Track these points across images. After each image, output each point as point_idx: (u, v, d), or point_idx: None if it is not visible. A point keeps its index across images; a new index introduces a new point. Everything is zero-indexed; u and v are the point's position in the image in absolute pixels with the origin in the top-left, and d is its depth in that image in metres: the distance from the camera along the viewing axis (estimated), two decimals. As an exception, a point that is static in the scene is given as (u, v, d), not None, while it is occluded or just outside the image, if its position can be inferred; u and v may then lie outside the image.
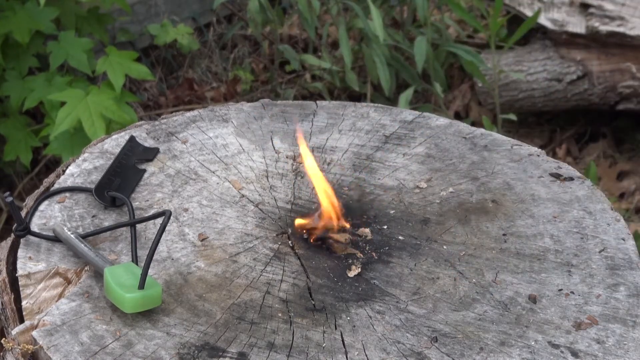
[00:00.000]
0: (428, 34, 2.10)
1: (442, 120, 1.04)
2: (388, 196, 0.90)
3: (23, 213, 0.85)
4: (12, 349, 0.69)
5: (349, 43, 2.15)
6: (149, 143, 0.99)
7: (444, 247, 0.82)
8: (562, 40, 2.34)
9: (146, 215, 0.86)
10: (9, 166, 2.12)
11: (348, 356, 0.68)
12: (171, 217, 0.85)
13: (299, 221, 0.84)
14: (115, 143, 0.98)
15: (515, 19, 2.38)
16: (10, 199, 0.76)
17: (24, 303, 0.74)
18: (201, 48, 2.69)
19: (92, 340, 0.69)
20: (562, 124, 2.47)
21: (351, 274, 0.78)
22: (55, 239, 0.80)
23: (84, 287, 0.75)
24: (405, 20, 2.38)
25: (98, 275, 0.76)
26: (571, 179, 0.92)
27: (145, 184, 0.92)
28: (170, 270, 0.78)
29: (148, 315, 0.72)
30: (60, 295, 0.75)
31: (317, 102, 1.09)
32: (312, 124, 1.04)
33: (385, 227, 0.85)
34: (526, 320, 0.72)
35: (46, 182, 0.91)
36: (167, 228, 0.81)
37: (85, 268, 0.78)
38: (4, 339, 0.71)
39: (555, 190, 0.90)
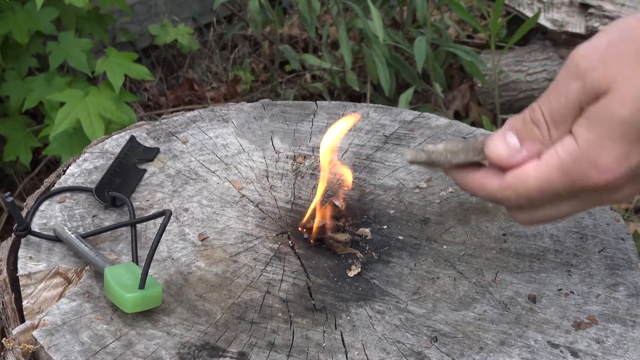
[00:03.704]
0: (428, 34, 2.10)
1: (441, 120, 1.04)
2: (388, 196, 0.90)
3: (23, 213, 0.85)
4: (12, 348, 0.69)
5: (349, 43, 2.15)
6: (149, 143, 0.99)
7: (444, 247, 0.82)
8: (561, 40, 2.34)
9: (146, 215, 0.86)
10: (10, 166, 2.12)
11: (348, 356, 0.68)
12: (171, 217, 0.85)
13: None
14: (115, 143, 0.98)
15: (515, 19, 2.38)
16: (10, 199, 0.76)
17: (24, 303, 0.74)
18: (201, 48, 2.69)
19: (93, 340, 0.69)
20: (562, 124, 2.47)
21: (351, 273, 0.79)
22: (56, 238, 0.81)
23: (85, 287, 0.75)
24: (405, 21, 2.38)
25: (98, 275, 0.76)
26: (571, 179, 0.92)
27: (145, 183, 0.92)
28: (171, 270, 0.78)
29: (148, 315, 0.72)
30: (61, 295, 0.75)
31: (317, 102, 1.09)
32: (312, 124, 1.04)
33: (385, 227, 0.85)
34: (526, 320, 0.72)
35: (47, 182, 0.91)
36: (167, 228, 0.81)
37: (86, 268, 0.78)
38: (4, 338, 0.71)
39: (555, 190, 0.90)
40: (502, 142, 0.69)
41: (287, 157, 0.97)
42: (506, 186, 0.68)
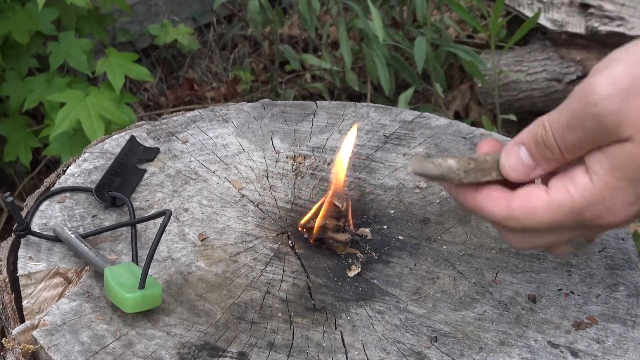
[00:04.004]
0: (428, 34, 2.10)
1: (441, 120, 1.04)
2: (388, 196, 0.90)
3: (23, 213, 0.85)
4: (12, 348, 0.69)
5: (349, 43, 2.15)
6: (149, 143, 0.99)
7: (444, 247, 0.82)
8: (561, 40, 2.34)
9: (146, 215, 0.86)
10: (10, 166, 2.12)
11: (348, 356, 0.68)
12: (171, 217, 0.85)
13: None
14: (115, 143, 0.98)
15: (515, 19, 2.38)
16: (10, 199, 0.76)
17: (24, 303, 0.74)
18: (201, 48, 2.69)
19: (93, 340, 0.69)
20: (562, 124, 2.47)
21: (351, 273, 0.79)
22: (56, 238, 0.81)
23: (84, 287, 0.75)
24: (405, 21, 2.38)
25: (98, 275, 0.76)
26: (571, 178, 0.92)
27: (145, 183, 0.92)
28: (171, 270, 0.78)
29: (148, 315, 0.72)
30: (61, 295, 0.75)
31: (317, 102, 1.09)
32: (312, 124, 1.04)
33: (385, 227, 0.85)
34: (526, 320, 0.72)
35: (46, 182, 0.91)
36: (167, 228, 0.81)
37: (86, 268, 0.78)
38: (4, 338, 0.71)
39: (555, 190, 0.90)
40: (518, 160, 0.67)
41: (287, 157, 0.97)
42: (512, 217, 0.66)
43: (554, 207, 0.64)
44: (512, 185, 0.68)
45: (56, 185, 0.90)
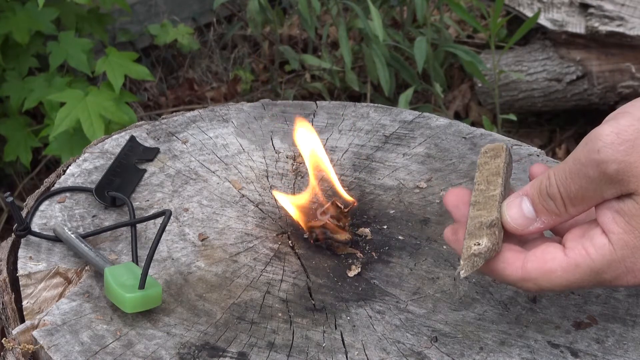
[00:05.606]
0: (428, 34, 2.10)
1: (442, 120, 1.04)
2: (388, 196, 0.90)
3: (23, 213, 0.85)
4: (12, 348, 0.69)
5: (349, 43, 2.15)
6: (149, 143, 0.99)
7: (444, 247, 0.82)
8: (561, 40, 2.34)
9: (146, 215, 0.86)
10: (10, 166, 2.12)
11: (348, 356, 0.68)
12: (171, 217, 0.85)
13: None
14: (115, 143, 0.98)
15: (515, 19, 2.38)
16: (10, 199, 0.76)
17: (24, 303, 0.74)
18: (201, 48, 2.69)
19: (93, 340, 0.69)
20: (562, 124, 2.47)
21: (351, 273, 0.79)
22: (56, 238, 0.81)
23: (85, 287, 0.75)
24: (405, 21, 2.38)
25: (98, 275, 0.76)
26: (571, 179, 0.92)
27: (145, 184, 0.92)
28: (171, 270, 0.78)
29: (148, 315, 0.72)
30: (61, 295, 0.75)
31: (317, 102, 1.09)
32: (312, 124, 1.04)
33: (385, 227, 0.85)
34: (526, 320, 0.72)
35: (46, 182, 0.91)
36: (167, 228, 0.81)
37: (86, 268, 0.78)
38: (4, 338, 0.71)
39: (555, 190, 0.90)
40: (518, 211, 0.66)
41: (287, 157, 0.97)
42: (528, 279, 0.64)
43: (572, 268, 0.63)
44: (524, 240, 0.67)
45: (56, 185, 0.90)
